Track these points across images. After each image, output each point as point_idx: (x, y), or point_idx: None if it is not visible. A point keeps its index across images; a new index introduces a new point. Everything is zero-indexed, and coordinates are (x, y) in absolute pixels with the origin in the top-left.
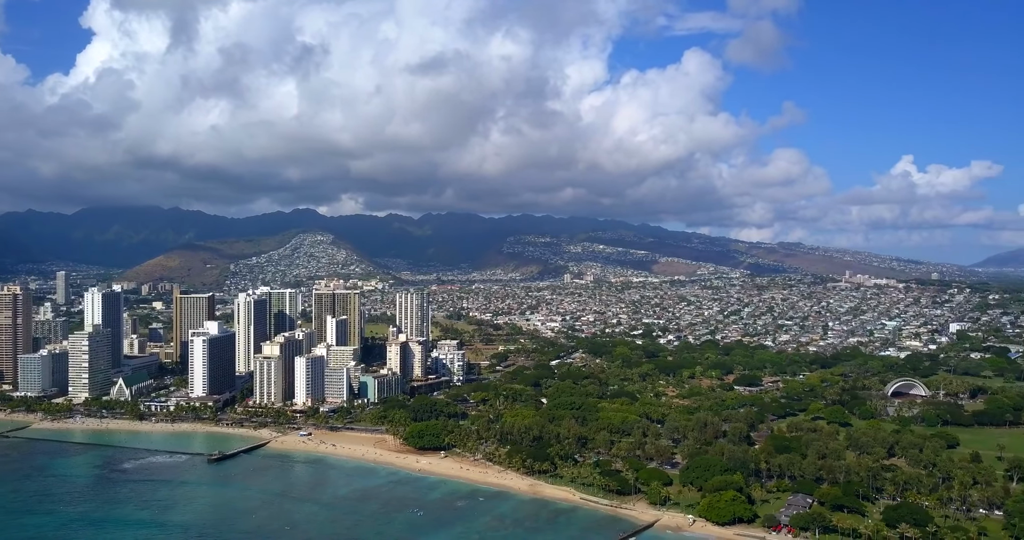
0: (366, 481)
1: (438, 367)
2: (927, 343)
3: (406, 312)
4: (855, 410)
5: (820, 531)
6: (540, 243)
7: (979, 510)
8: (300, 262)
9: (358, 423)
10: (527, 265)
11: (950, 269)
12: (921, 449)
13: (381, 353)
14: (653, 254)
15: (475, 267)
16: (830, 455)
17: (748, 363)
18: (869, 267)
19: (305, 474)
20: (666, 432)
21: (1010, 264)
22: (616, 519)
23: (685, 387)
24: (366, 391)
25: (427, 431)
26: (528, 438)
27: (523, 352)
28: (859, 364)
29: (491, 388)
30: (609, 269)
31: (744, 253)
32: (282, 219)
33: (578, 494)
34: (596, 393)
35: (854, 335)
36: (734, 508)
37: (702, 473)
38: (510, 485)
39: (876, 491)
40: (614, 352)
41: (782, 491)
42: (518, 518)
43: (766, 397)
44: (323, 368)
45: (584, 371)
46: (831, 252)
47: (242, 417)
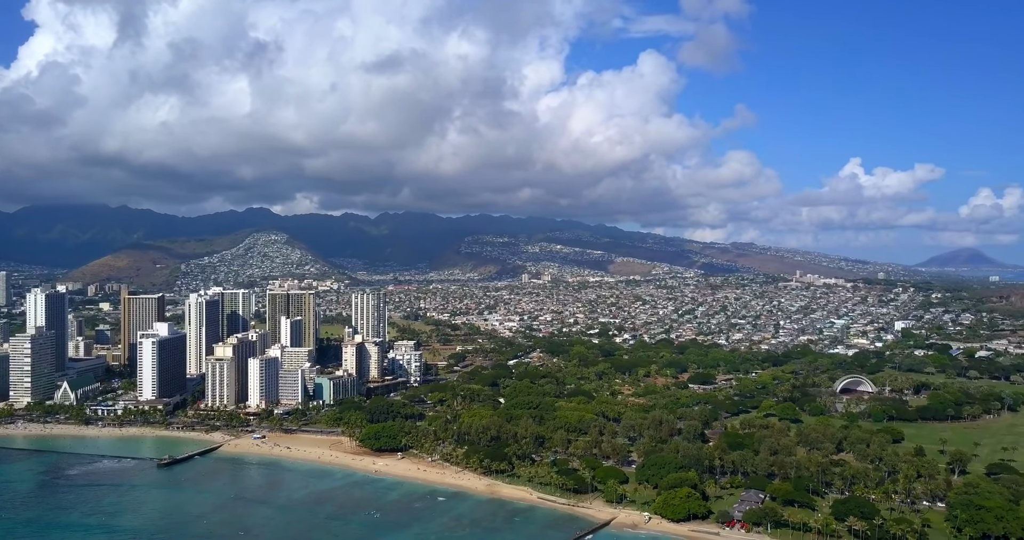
0: (322, 483)
1: (395, 368)
2: (874, 341)
3: (362, 313)
4: (805, 407)
5: (772, 526)
6: (498, 243)
7: (923, 502)
8: (254, 262)
9: (313, 425)
10: (485, 265)
11: (895, 269)
12: (868, 444)
13: (337, 354)
14: (609, 254)
15: (433, 267)
16: (781, 451)
17: (702, 361)
18: (819, 267)
19: (259, 477)
20: (622, 430)
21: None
22: (573, 518)
23: (641, 386)
24: (321, 393)
25: (384, 432)
26: (485, 438)
27: (481, 352)
28: (809, 362)
29: (448, 388)
30: (566, 269)
31: (698, 253)
32: (235, 218)
33: (535, 493)
34: (553, 392)
35: (804, 333)
36: (689, 505)
37: (657, 471)
38: (467, 485)
39: (825, 486)
40: (571, 351)
41: (735, 487)
42: (475, 518)
43: (720, 395)
44: (277, 370)
45: (542, 370)
46: (782, 252)
47: (193, 420)
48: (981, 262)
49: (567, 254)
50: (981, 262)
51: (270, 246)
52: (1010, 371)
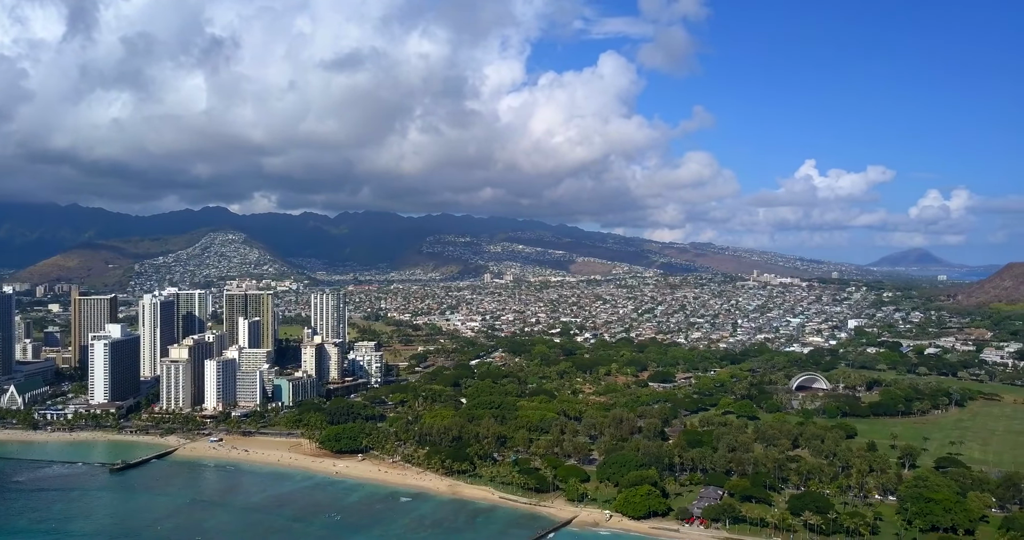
0: (281, 486)
1: (355, 369)
2: (828, 339)
3: (322, 313)
4: (762, 404)
5: (730, 521)
6: (460, 243)
7: (875, 496)
8: (210, 262)
9: (272, 427)
10: (447, 265)
11: (848, 268)
12: (823, 440)
13: (296, 355)
14: (570, 254)
15: (394, 267)
16: (739, 448)
17: (662, 360)
18: (775, 267)
19: (216, 481)
20: (584, 429)
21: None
22: (535, 517)
23: (602, 384)
24: (280, 394)
25: (344, 434)
26: (447, 438)
27: (443, 352)
28: (766, 360)
29: (410, 389)
30: (528, 269)
31: (657, 253)
32: (191, 217)
33: (497, 493)
34: (515, 392)
35: (761, 332)
36: (649, 502)
37: (618, 469)
38: (429, 486)
39: (782, 481)
40: (533, 351)
41: (695, 484)
42: (437, 519)
43: (679, 393)
44: (235, 371)
45: (503, 370)
46: (740, 252)
47: (147, 424)
48: (930, 262)
49: (529, 254)
50: (930, 262)
51: (227, 246)
52: (957, 367)
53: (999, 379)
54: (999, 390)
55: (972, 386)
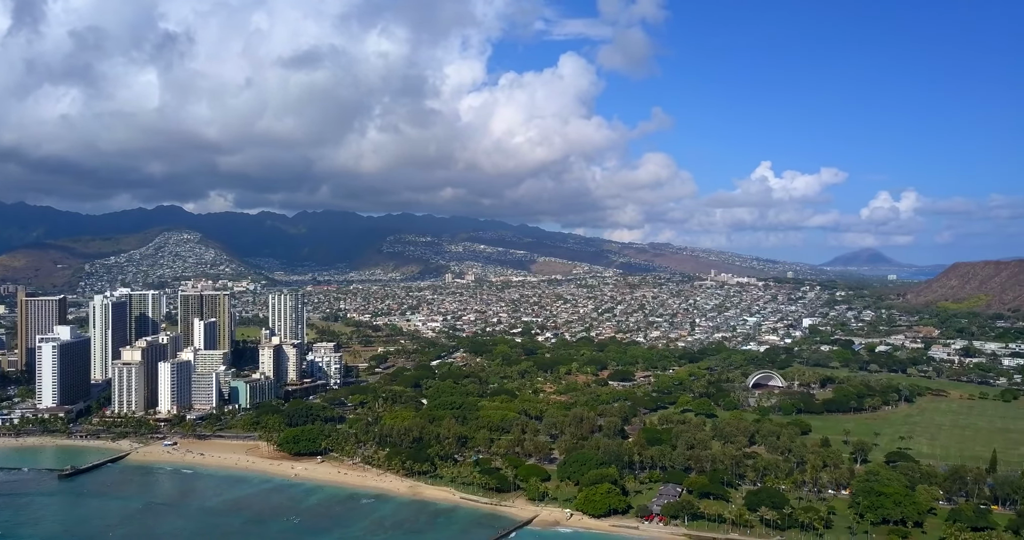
0: (237, 490)
1: (314, 370)
2: (783, 337)
3: (280, 314)
4: (720, 402)
5: (689, 518)
6: (421, 242)
7: (828, 491)
8: (164, 262)
9: (229, 430)
10: (407, 265)
11: (803, 268)
12: (778, 436)
13: (253, 357)
14: (532, 254)
15: (353, 267)
16: (698, 445)
17: (621, 359)
18: (732, 266)
19: (170, 486)
20: (544, 428)
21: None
22: (496, 516)
23: (562, 383)
24: (237, 397)
25: (303, 436)
26: (408, 439)
27: (403, 353)
28: (723, 358)
29: (370, 390)
30: (490, 268)
31: (617, 253)
32: (144, 216)
33: (458, 493)
34: (476, 392)
35: (719, 331)
36: (609, 500)
37: (579, 468)
38: (389, 488)
39: (739, 478)
40: (494, 351)
41: (654, 482)
42: (398, 520)
43: (639, 391)
44: (190, 373)
45: (465, 370)
46: (697, 252)
47: (98, 428)
48: (880, 262)
49: (490, 254)
50: (880, 262)
51: (182, 245)
52: (907, 364)
53: (946, 375)
54: (946, 386)
55: (920, 382)
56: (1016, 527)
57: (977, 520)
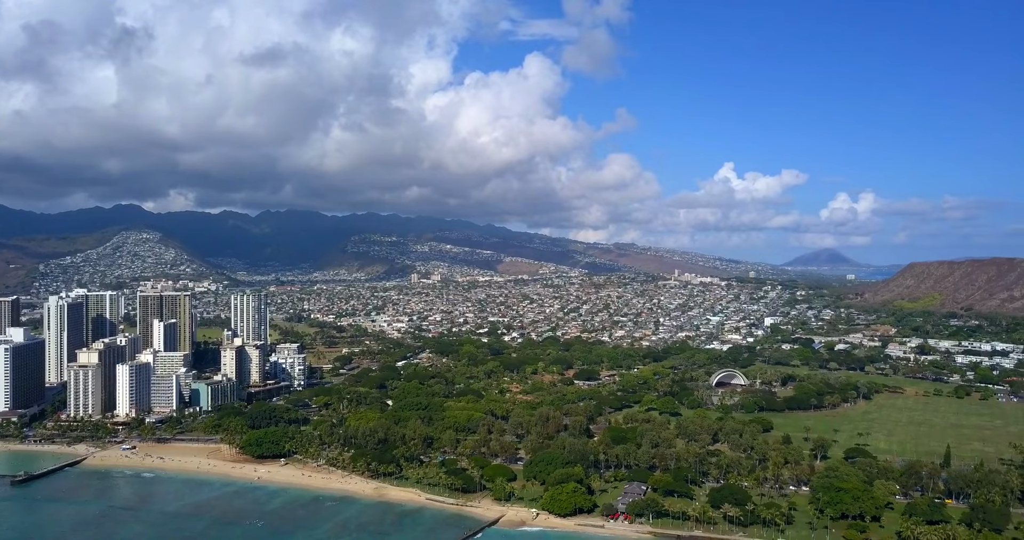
0: (199, 494)
1: (277, 372)
2: (746, 336)
3: (242, 315)
4: (684, 400)
5: (654, 516)
6: (386, 242)
7: (790, 487)
8: (123, 262)
9: (190, 433)
10: (372, 265)
11: (764, 268)
12: (741, 434)
13: (215, 358)
14: (498, 254)
15: (317, 267)
16: (662, 444)
17: (587, 358)
18: (695, 266)
19: (128, 491)
20: (511, 428)
21: (813, 263)
22: (462, 517)
23: (528, 383)
24: (199, 399)
25: (266, 438)
26: (373, 441)
27: (368, 354)
28: (687, 357)
29: (334, 391)
30: (456, 269)
31: (582, 253)
32: (101, 215)
33: (424, 495)
34: (442, 392)
35: (683, 330)
36: (575, 499)
37: (545, 467)
38: (354, 490)
39: (703, 475)
40: (461, 351)
41: (619, 480)
42: (362, 522)
43: (604, 390)
44: (149, 376)
45: (431, 371)
46: (661, 252)
47: (53, 433)
48: (839, 262)
49: (457, 254)
50: (839, 262)
51: (141, 245)
52: (864, 362)
53: (902, 373)
54: (902, 383)
55: (878, 380)
56: (969, 520)
57: (932, 514)
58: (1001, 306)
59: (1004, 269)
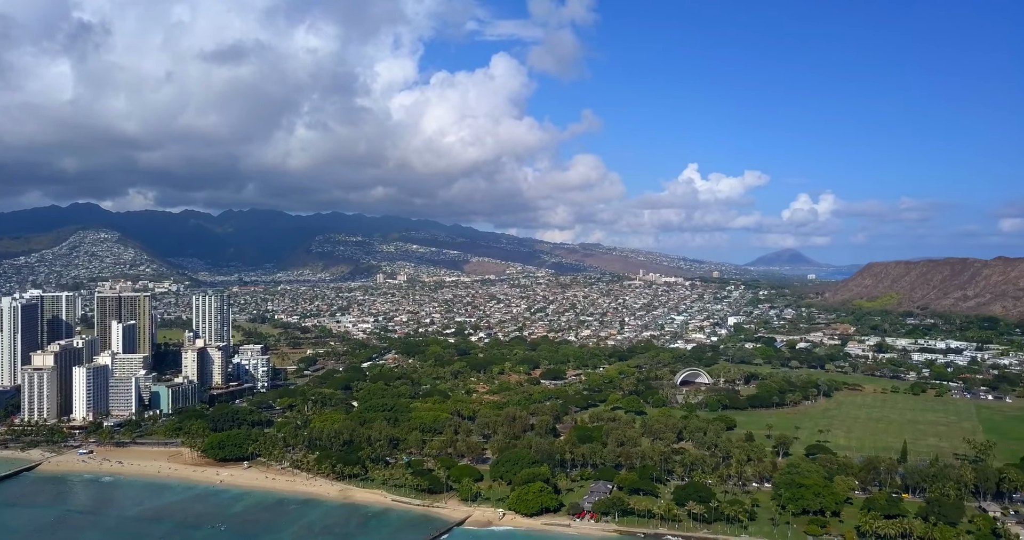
0: (159, 499)
1: (240, 373)
2: (710, 335)
3: (204, 315)
4: (649, 399)
5: (619, 514)
6: (351, 242)
7: (752, 484)
8: (80, 262)
9: (150, 437)
10: (337, 265)
11: (727, 268)
12: (705, 432)
13: (176, 360)
14: (465, 254)
15: (281, 267)
16: (627, 442)
17: (553, 358)
18: (660, 266)
19: (86, 496)
20: (477, 428)
21: (775, 263)
22: (428, 518)
23: (495, 383)
24: (159, 402)
25: (228, 441)
26: (338, 442)
27: (333, 355)
28: (652, 356)
29: (298, 393)
30: (422, 269)
31: (548, 253)
32: (57, 214)
33: (390, 496)
34: (408, 393)
35: (648, 329)
36: (541, 499)
37: (511, 467)
38: (319, 492)
39: (667, 473)
40: (427, 352)
41: (585, 479)
42: (327, 525)
43: (570, 390)
44: (107, 378)
45: (397, 372)
46: (626, 252)
47: (6, 438)
48: (800, 262)
49: (423, 254)
50: (800, 262)
51: (99, 245)
52: (825, 360)
53: (861, 371)
54: (861, 381)
55: (838, 377)
56: (925, 514)
57: (889, 508)
58: (955, 305)
59: (958, 269)
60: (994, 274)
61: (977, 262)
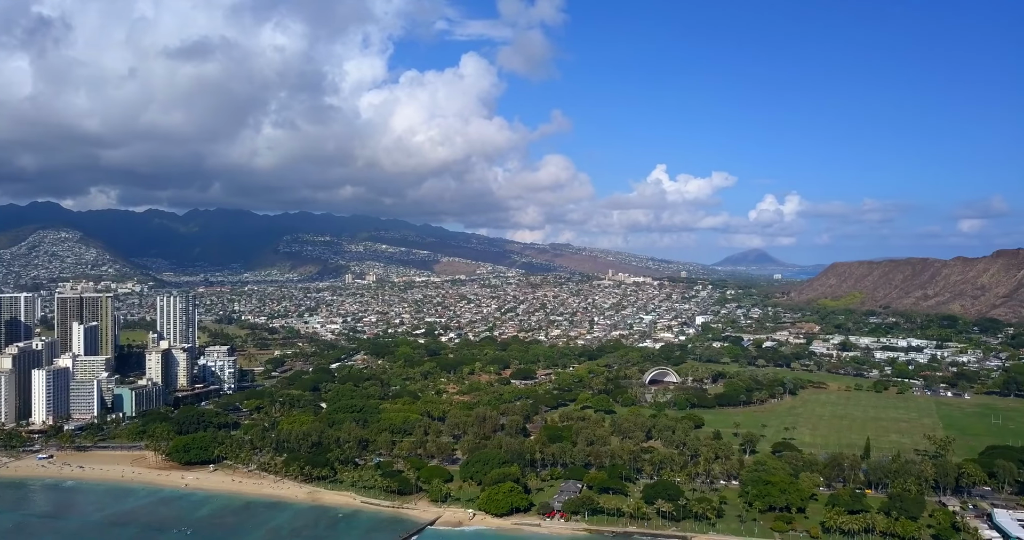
0: (122, 504)
1: (206, 375)
2: (678, 334)
3: (169, 317)
4: (618, 398)
5: (589, 513)
6: (319, 242)
7: (720, 481)
8: (40, 262)
9: (113, 440)
10: (305, 265)
11: (695, 268)
12: (674, 431)
13: (140, 362)
14: (435, 254)
15: (248, 267)
16: (597, 442)
17: (524, 357)
18: (629, 266)
19: (46, 502)
20: (447, 429)
21: (742, 263)
22: (398, 520)
23: (465, 383)
24: (122, 405)
25: (194, 444)
26: (306, 444)
27: (301, 356)
28: (621, 355)
29: (266, 395)
30: (392, 269)
31: (519, 253)
32: (16, 213)
33: (359, 498)
34: (378, 394)
35: (617, 329)
36: (511, 499)
37: (481, 467)
38: (287, 495)
39: (637, 472)
40: (397, 352)
41: (555, 479)
42: (295, 528)
43: (540, 389)
44: (68, 381)
45: (366, 373)
46: (596, 252)
47: None
48: (766, 261)
49: (393, 254)
50: (766, 261)
51: (59, 244)
52: (790, 359)
53: (825, 369)
54: (825, 379)
55: (803, 376)
56: (887, 509)
57: (853, 504)
58: (916, 304)
59: (919, 269)
60: (953, 274)
61: (937, 262)
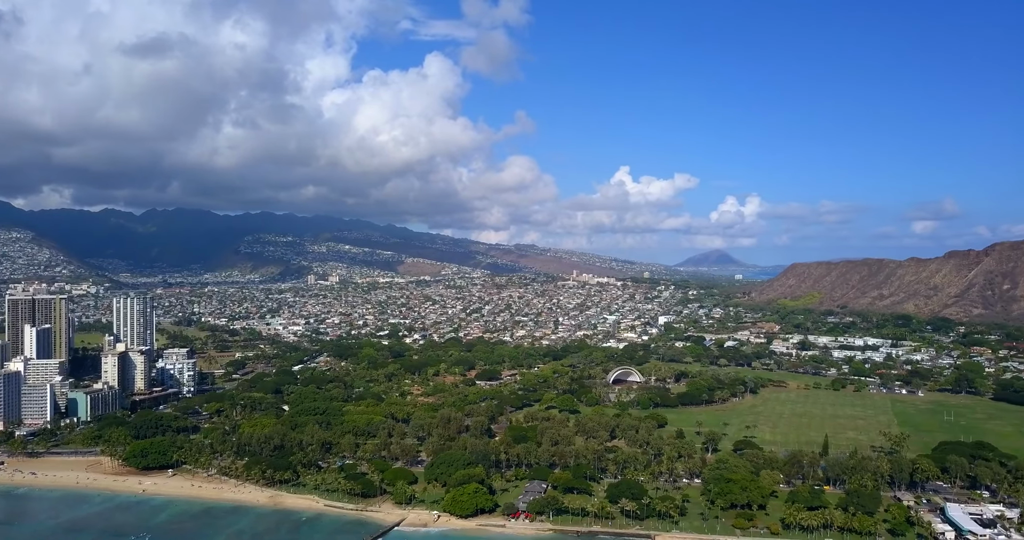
0: (76, 510)
1: (165, 378)
2: (641, 334)
3: (126, 319)
4: (583, 398)
5: (554, 513)
6: (281, 242)
7: (683, 480)
8: None
9: (67, 446)
10: (267, 266)
11: (658, 268)
12: (637, 430)
13: (96, 365)
14: (399, 255)
15: (208, 268)
16: (562, 442)
17: (488, 358)
18: (593, 267)
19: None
20: (412, 431)
21: (704, 264)
22: (362, 522)
23: (430, 385)
24: (76, 409)
25: (151, 449)
26: (268, 448)
27: (263, 358)
28: (585, 355)
29: (227, 398)
30: (355, 269)
31: (484, 254)
32: None
33: (322, 501)
34: (341, 396)
35: (581, 329)
36: (476, 500)
37: (446, 469)
38: (248, 499)
39: (601, 471)
40: (360, 354)
41: (520, 479)
42: (257, 532)
43: (505, 390)
44: (19, 385)
45: (329, 375)
46: (560, 253)
47: None
48: (727, 262)
49: (356, 254)
50: (727, 262)
51: (10, 245)
52: (751, 358)
53: (785, 368)
54: (785, 377)
55: (764, 375)
56: (845, 505)
57: (812, 500)
58: (872, 304)
59: (874, 269)
60: (907, 274)
61: (892, 263)
